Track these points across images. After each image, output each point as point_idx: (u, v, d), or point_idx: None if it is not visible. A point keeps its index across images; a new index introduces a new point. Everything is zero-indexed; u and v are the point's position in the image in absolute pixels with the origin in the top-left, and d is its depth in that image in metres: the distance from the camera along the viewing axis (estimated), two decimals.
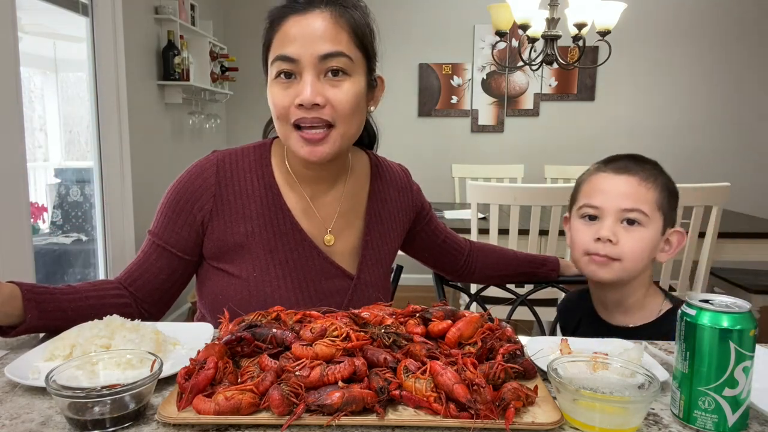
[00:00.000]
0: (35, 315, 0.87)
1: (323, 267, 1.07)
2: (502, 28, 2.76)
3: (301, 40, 0.93)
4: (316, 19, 0.94)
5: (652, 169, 1.07)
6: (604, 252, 1.04)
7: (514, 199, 2.24)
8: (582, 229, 1.09)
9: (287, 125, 0.97)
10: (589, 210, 1.07)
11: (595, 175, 1.10)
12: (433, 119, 4.48)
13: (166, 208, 1.04)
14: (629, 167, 1.06)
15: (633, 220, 1.04)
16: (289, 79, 0.95)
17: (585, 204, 1.08)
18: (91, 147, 2.88)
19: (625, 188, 1.04)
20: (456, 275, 1.39)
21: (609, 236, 1.03)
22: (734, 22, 4.28)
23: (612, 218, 1.04)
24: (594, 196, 1.07)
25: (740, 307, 0.66)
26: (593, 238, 1.05)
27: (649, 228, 1.04)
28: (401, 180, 1.22)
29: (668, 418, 0.69)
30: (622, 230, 1.04)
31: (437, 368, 0.68)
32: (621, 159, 1.09)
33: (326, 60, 0.94)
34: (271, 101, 0.97)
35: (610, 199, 1.04)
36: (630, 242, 1.03)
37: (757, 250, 2.53)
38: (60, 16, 2.66)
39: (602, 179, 1.07)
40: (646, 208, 1.03)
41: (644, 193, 1.03)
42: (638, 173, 1.05)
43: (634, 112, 4.41)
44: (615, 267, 1.05)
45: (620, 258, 1.04)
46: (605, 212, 1.05)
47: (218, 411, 0.63)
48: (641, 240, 1.03)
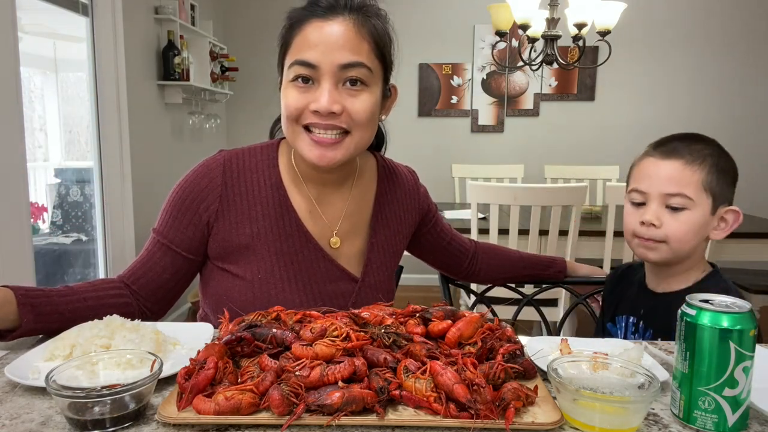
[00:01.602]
0: (31, 319, 0.86)
1: (328, 269, 1.07)
2: (502, 28, 2.76)
3: (322, 46, 0.92)
4: (338, 26, 0.93)
5: (701, 149, 1.06)
6: (648, 235, 1.06)
7: (514, 199, 2.24)
8: (631, 212, 1.11)
9: (297, 126, 0.96)
10: (636, 196, 1.09)
11: (644, 159, 1.11)
12: (433, 119, 4.48)
13: (172, 206, 1.03)
14: (677, 149, 1.06)
15: (676, 206, 1.05)
16: (307, 84, 0.94)
17: (633, 189, 1.10)
18: (91, 147, 2.88)
19: (669, 172, 1.05)
20: (461, 276, 1.39)
21: (652, 220, 1.05)
22: (734, 21, 4.28)
23: (656, 202, 1.06)
24: (641, 181, 1.09)
25: (740, 307, 0.66)
26: (639, 222, 1.08)
27: (695, 210, 1.04)
28: (408, 182, 1.22)
29: (668, 418, 0.69)
30: (666, 214, 1.05)
31: (437, 368, 0.68)
32: (672, 140, 1.10)
33: (346, 69, 0.93)
34: (285, 102, 0.96)
35: (655, 184, 1.06)
36: (675, 224, 1.04)
37: (757, 250, 2.53)
38: (60, 16, 2.66)
39: (649, 164, 1.08)
40: (691, 192, 1.03)
41: (689, 176, 1.04)
42: (684, 156, 1.05)
43: (634, 112, 4.41)
44: (662, 249, 1.07)
45: (666, 240, 1.05)
46: (650, 197, 1.07)
47: (218, 411, 0.63)
48: (686, 222, 1.04)
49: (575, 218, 2.30)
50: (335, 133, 0.96)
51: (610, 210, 2.37)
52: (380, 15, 0.99)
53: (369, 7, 0.98)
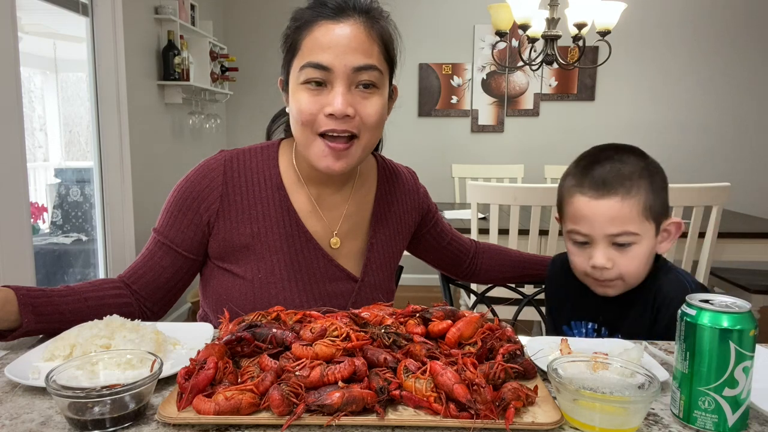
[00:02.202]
0: (31, 319, 0.87)
1: (328, 269, 1.07)
2: (502, 28, 2.76)
3: (335, 49, 0.92)
4: (349, 28, 0.93)
5: (630, 173, 1.01)
6: (603, 277, 1.04)
7: (514, 199, 2.24)
8: (576, 252, 1.08)
9: (311, 133, 0.96)
10: (578, 237, 1.06)
11: (575, 197, 1.05)
12: (433, 119, 4.48)
13: (172, 206, 1.04)
14: (607, 183, 1.01)
15: (623, 243, 1.02)
16: (319, 87, 0.94)
17: (573, 230, 1.06)
18: (91, 147, 2.88)
19: (607, 212, 1.00)
20: (461, 276, 1.39)
21: (604, 264, 1.02)
22: (734, 21, 4.28)
23: (603, 244, 1.03)
24: (579, 223, 1.04)
25: (740, 307, 0.66)
26: (589, 265, 1.04)
27: (642, 243, 1.02)
28: (408, 182, 1.22)
29: (668, 418, 0.69)
30: (615, 252, 1.02)
31: (437, 368, 0.68)
32: (596, 166, 1.04)
33: (359, 72, 0.93)
34: (297, 107, 0.95)
35: (596, 226, 1.02)
36: (625, 261, 1.02)
37: (757, 250, 2.53)
38: (60, 16, 2.66)
39: (583, 204, 1.03)
40: (634, 227, 1.01)
41: (628, 212, 1.00)
42: (618, 190, 1.00)
43: (634, 112, 4.41)
44: (618, 285, 1.05)
45: (621, 277, 1.03)
46: (594, 239, 1.03)
47: (218, 411, 0.63)
48: (636, 257, 1.02)
49: None
50: (344, 139, 0.96)
51: None
52: (385, 17, 1.00)
53: (376, 9, 0.98)
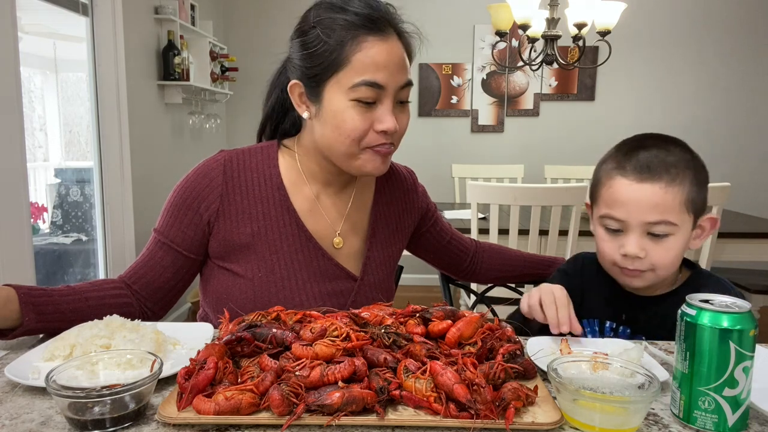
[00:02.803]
0: (32, 318, 0.87)
1: (327, 268, 1.07)
2: (502, 28, 2.76)
3: (389, 68, 0.94)
4: (395, 46, 0.96)
5: (677, 162, 0.96)
6: (633, 267, 0.98)
7: (514, 199, 2.24)
8: (607, 239, 1.01)
9: (357, 146, 0.97)
10: (611, 223, 0.99)
11: (614, 179, 0.99)
12: (433, 119, 4.47)
13: (173, 206, 1.04)
14: (652, 168, 0.96)
15: (659, 233, 0.96)
16: (368, 105, 0.95)
17: (606, 215, 1.00)
18: (91, 147, 2.88)
19: (648, 198, 0.95)
20: (462, 275, 1.39)
21: (636, 254, 0.96)
22: (734, 21, 4.28)
23: (637, 232, 0.97)
24: (615, 208, 0.98)
25: (740, 307, 0.66)
26: (620, 253, 0.99)
27: (678, 234, 0.96)
28: (407, 182, 1.23)
29: (668, 418, 0.69)
30: (649, 242, 0.97)
31: (437, 368, 0.68)
32: (640, 150, 0.99)
33: (402, 89, 0.98)
34: (348, 125, 0.95)
35: (634, 212, 0.96)
36: (660, 252, 0.96)
37: (757, 250, 2.53)
38: (60, 16, 2.66)
39: (623, 188, 0.97)
40: (674, 217, 0.95)
41: (671, 200, 0.94)
42: (662, 177, 0.95)
43: (634, 112, 4.41)
44: (648, 276, 0.99)
45: (652, 268, 0.98)
46: (629, 226, 0.97)
47: (218, 411, 0.63)
48: (672, 249, 0.97)
49: (575, 218, 2.30)
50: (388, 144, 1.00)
51: None
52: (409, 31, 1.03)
53: (403, 23, 1.01)
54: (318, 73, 0.95)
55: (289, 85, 1.01)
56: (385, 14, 0.96)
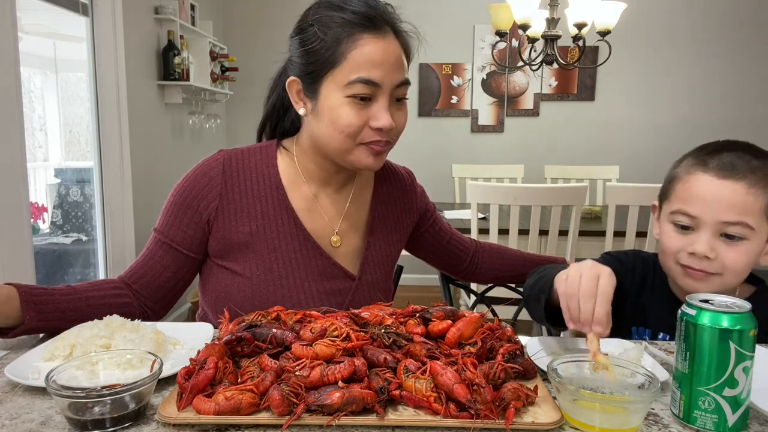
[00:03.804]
0: (33, 317, 0.87)
1: (326, 267, 1.08)
2: (502, 28, 2.76)
3: (385, 65, 0.95)
4: (394, 44, 0.97)
5: (762, 166, 0.90)
6: (699, 267, 0.91)
7: (514, 199, 2.24)
8: (674, 236, 0.95)
9: (352, 142, 0.98)
10: (683, 219, 0.93)
11: (694, 174, 0.93)
12: (433, 119, 4.47)
13: (173, 206, 1.04)
14: (736, 167, 0.89)
15: (734, 235, 0.89)
16: (364, 102, 0.96)
17: (679, 210, 0.93)
18: (91, 147, 2.88)
19: (729, 197, 0.88)
20: (462, 275, 1.39)
21: (706, 253, 0.90)
22: (734, 21, 4.28)
23: (710, 231, 0.90)
24: (690, 203, 0.91)
25: (740, 307, 0.66)
26: (687, 251, 0.92)
27: (753, 240, 0.89)
28: (405, 182, 1.23)
29: (668, 418, 0.69)
30: (721, 244, 0.90)
31: (437, 368, 0.68)
32: (723, 151, 0.92)
33: (399, 88, 0.98)
34: (342, 121, 0.95)
35: (710, 209, 0.89)
36: (731, 256, 0.90)
37: None
38: (60, 16, 2.66)
39: (702, 183, 0.91)
40: (752, 221, 0.88)
41: (752, 202, 0.88)
42: (746, 176, 0.88)
43: (634, 112, 4.41)
44: (714, 281, 0.92)
45: (720, 273, 0.91)
46: (702, 223, 0.90)
47: (218, 411, 0.63)
48: (745, 254, 0.90)
49: (575, 218, 2.30)
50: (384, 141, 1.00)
51: (610, 210, 2.37)
52: (406, 30, 1.02)
53: (401, 22, 1.01)
54: (315, 69, 0.96)
55: (287, 81, 1.02)
56: (383, 13, 0.97)
